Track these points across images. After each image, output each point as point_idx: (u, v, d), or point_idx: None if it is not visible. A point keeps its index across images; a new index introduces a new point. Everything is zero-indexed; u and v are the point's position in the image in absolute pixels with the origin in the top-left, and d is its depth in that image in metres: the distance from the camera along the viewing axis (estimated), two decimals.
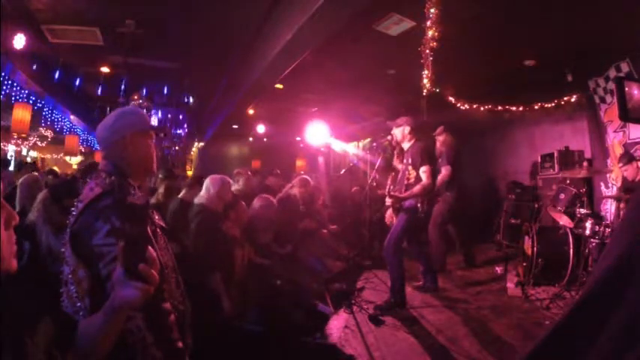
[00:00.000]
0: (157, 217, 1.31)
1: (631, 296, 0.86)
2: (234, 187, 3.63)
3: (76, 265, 1.10)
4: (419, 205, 3.33)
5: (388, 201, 3.42)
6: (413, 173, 3.38)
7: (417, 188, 3.27)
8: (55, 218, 1.94)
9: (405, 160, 3.52)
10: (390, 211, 3.56)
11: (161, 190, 3.34)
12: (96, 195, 1.14)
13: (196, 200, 2.81)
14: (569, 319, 1.03)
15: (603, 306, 0.91)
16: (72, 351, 0.79)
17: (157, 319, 1.10)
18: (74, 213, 1.16)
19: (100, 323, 0.83)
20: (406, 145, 3.51)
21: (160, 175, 3.57)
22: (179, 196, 3.22)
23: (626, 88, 1.55)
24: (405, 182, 3.45)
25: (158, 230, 1.27)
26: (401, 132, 3.49)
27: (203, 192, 2.80)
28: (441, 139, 4.66)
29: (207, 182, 2.82)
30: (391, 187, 3.58)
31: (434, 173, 3.35)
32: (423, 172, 3.28)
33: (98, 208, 1.12)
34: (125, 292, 0.81)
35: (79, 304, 1.08)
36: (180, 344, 1.17)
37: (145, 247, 0.84)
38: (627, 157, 3.66)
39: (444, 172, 4.39)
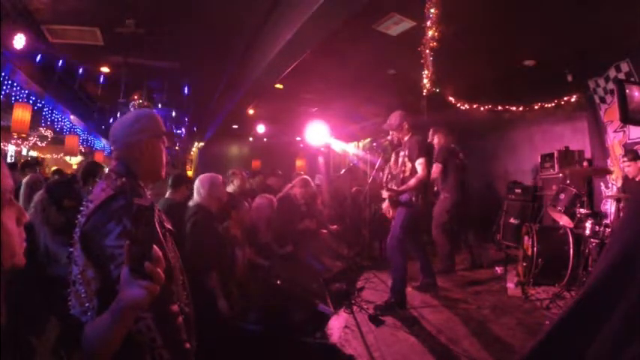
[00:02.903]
0: (164, 220, 1.31)
1: (631, 294, 0.86)
2: (230, 188, 3.61)
3: (86, 265, 1.10)
4: (413, 198, 3.34)
5: (385, 194, 3.44)
6: (409, 165, 3.40)
7: (412, 181, 3.30)
8: (54, 219, 1.92)
9: (402, 153, 3.53)
10: (386, 203, 3.57)
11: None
12: (108, 196, 1.14)
13: (191, 202, 2.79)
14: (568, 316, 1.03)
15: (603, 304, 0.91)
16: (78, 351, 0.79)
17: (167, 320, 1.11)
18: (84, 213, 1.16)
19: (107, 323, 0.83)
20: (405, 139, 3.54)
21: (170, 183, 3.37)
22: (166, 196, 3.19)
23: (627, 91, 1.56)
24: (402, 175, 3.46)
25: (167, 233, 1.28)
26: (401, 128, 3.52)
27: (195, 195, 2.77)
28: (435, 141, 4.70)
29: (196, 185, 2.78)
30: (389, 177, 3.61)
31: (430, 165, 3.40)
32: (419, 164, 3.30)
33: (111, 210, 1.11)
34: (131, 292, 0.82)
35: (87, 304, 1.08)
36: (187, 345, 1.18)
37: (151, 246, 0.85)
38: (633, 154, 3.64)
39: (434, 168, 4.40)
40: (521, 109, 5.65)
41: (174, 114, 8.50)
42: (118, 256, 1.05)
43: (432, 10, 3.39)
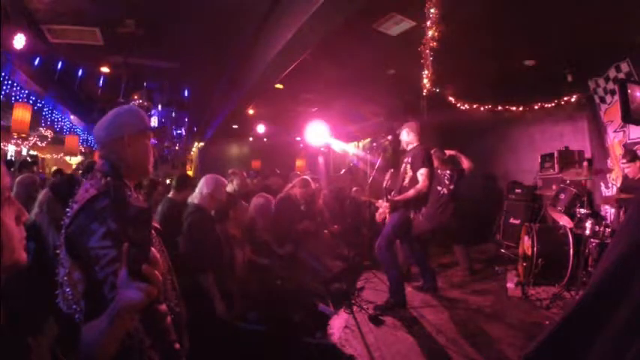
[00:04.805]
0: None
1: (632, 295, 0.86)
2: (229, 188, 3.60)
3: (72, 267, 1.08)
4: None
5: (383, 204, 3.43)
6: (410, 173, 3.39)
7: (410, 193, 3.29)
8: (59, 218, 1.91)
9: (405, 160, 3.53)
10: (380, 210, 3.55)
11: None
12: (91, 196, 1.12)
13: (190, 200, 2.76)
14: (570, 317, 1.03)
15: (604, 305, 0.91)
16: (75, 353, 0.79)
17: (154, 321, 1.09)
18: (69, 214, 1.14)
19: (104, 326, 0.83)
20: (409, 147, 3.54)
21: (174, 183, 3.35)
22: (169, 196, 3.19)
23: (629, 91, 1.56)
24: (401, 184, 3.46)
25: (153, 232, 1.26)
26: (407, 133, 3.53)
27: (197, 192, 2.75)
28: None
29: (201, 182, 2.76)
30: (389, 182, 3.60)
31: (431, 176, 3.37)
32: (421, 174, 3.29)
33: (94, 210, 1.10)
34: (129, 294, 0.81)
35: (74, 306, 1.07)
36: (177, 346, 1.16)
37: (149, 248, 0.84)
38: (631, 155, 3.66)
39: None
40: (521, 109, 5.65)
41: (174, 114, 8.50)
42: (103, 257, 1.04)
43: (432, 10, 3.39)
